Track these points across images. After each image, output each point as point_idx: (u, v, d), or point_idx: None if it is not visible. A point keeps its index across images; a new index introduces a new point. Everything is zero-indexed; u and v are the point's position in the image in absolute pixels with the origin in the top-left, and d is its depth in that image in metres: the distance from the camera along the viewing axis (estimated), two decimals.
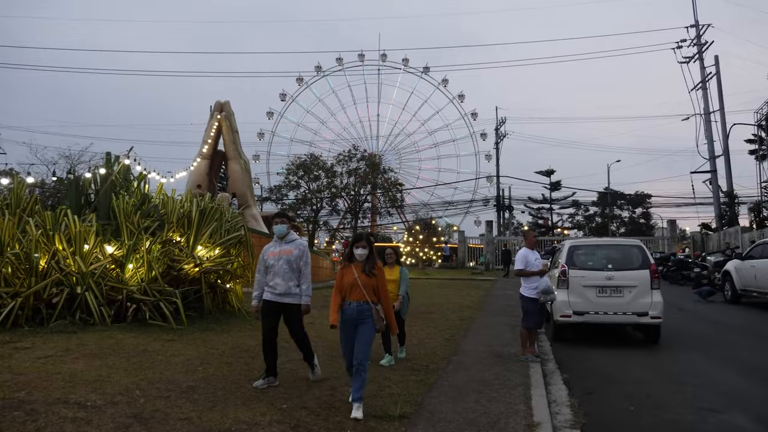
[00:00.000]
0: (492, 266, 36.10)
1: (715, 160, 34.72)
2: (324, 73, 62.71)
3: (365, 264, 5.03)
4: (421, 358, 7.67)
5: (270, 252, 5.96)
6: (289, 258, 5.84)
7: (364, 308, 4.96)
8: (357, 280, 4.96)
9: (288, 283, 5.83)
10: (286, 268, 5.82)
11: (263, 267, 5.93)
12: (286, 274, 5.80)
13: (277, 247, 5.94)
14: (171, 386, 5.56)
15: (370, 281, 4.98)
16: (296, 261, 5.87)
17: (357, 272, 4.99)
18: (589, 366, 7.93)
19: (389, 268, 7.29)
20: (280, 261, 5.85)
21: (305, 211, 50.18)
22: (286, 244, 5.93)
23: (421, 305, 14.28)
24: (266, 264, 5.91)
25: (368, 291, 4.95)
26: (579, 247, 9.74)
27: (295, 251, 5.89)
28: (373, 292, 5.00)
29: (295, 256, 5.88)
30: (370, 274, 4.99)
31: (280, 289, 5.79)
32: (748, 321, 12.80)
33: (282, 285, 5.78)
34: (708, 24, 35.68)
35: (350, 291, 4.98)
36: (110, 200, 9.73)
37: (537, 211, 59.55)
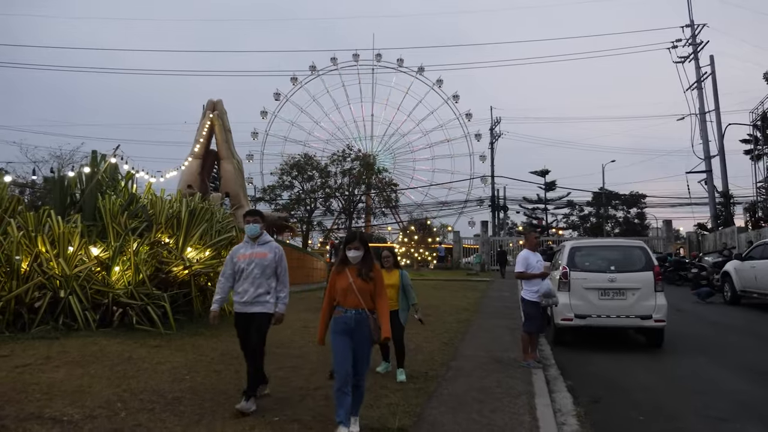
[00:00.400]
0: (487, 267, 35.87)
1: (710, 160, 34.68)
2: (318, 73, 62.46)
3: (361, 267, 4.46)
4: (419, 364, 7.38)
5: (240, 254, 5.32)
6: (262, 262, 5.23)
7: (363, 317, 4.42)
8: (352, 285, 4.40)
9: (257, 290, 5.20)
10: (257, 273, 5.21)
11: (229, 270, 5.33)
12: (256, 280, 5.20)
13: (248, 249, 5.32)
14: (155, 397, 5.24)
15: (366, 286, 4.42)
16: (271, 266, 5.27)
17: (352, 276, 4.43)
18: (592, 371, 7.66)
19: (387, 272, 6.55)
20: (251, 265, 5.22)
21: (299, 211, 49.83)
22: (259, 246, 5.31)
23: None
24: (235, 268, 5.31)
25: (365, 297, 4.42)
26: (580, 248, 9.47)
27: (269, 255, 5.29)
28: (370, 299, 4.45)
29: (270, 261, 5.28)
30: (367, 278, 4.43)
31: (248, 296, 5.19)
32: (750, 323, 12.58)
33: (250, 292, 5.18)
34: (703, 24, 35.71)
35: (345, 297, 4.43)
36: (96, 200, 9.39)
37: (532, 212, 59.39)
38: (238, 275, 5.27)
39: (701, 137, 35.03)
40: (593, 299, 8.80)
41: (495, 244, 39.23)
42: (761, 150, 32.01)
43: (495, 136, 50.29)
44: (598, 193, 54.06)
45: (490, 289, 20.81)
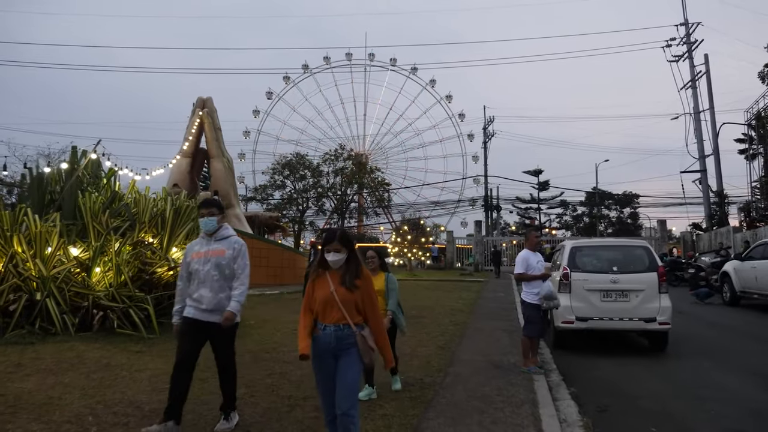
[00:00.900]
0: (481, 267, 35.58)
1: (704, 159, 34.49)
2: (311, 72, 62.06)
3: (345, 274, 3.63)
4: (414, 370, 7.02)
5: (194, 253, 4.56)
6: (219, 261, 4.47)
7: (345, 334, 3.55)
8: (333, 295, 3.56)
9: (218, 295, 4.43)
10: (215, 274, 4.44)
11: (185, 271, 4.56)
12: (215, 283, 4.43)
13: (204, 246, 4.56)
14: (131, 410, 4.85)
15: (351, 296, 3.59)
16: (229, 265, 4.50)
17: (333, 284, 3.60)
18: (596, 377, 7.32)
19: (373, 275, 5.72)
20: (207, 265, 4.45)
21: (291, 211, 49.42)
22: (216, 243, 4.55)
23: (411, 309, 13.65)
24: (189, 268, 4.53)
25: (349, 309, 3.57)
26: (581, 248, 9.13)
27: (228, 252, 4.52)
28: (356, 311, 3.60)
29: (229, 259, 4.51)
30: (352, 286, 3.59)
31: (207, 303, 4.40)
32: (751, 324, 12.31)
33: (209, 298, 4.40)
34: (697, 22, 35.53)
35: (324, 310, 3.59)
36: (76, 198, 8.96)
37: (525, 211, 59.30)
38: (193, 277, 4.52)
39: (696, 136, 34.86)
40: (595, 301, 8.47)
41: (488, 244, 38.96)
42: (756, 149, 31.90)
43: (488, 135, 50.06)
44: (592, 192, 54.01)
45: (485, 290, 20.49)
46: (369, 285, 3.70)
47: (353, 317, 3.58)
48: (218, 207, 4.64)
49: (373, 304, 3.68)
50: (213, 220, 4.57)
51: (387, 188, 54.67)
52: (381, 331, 3.68)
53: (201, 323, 4.42)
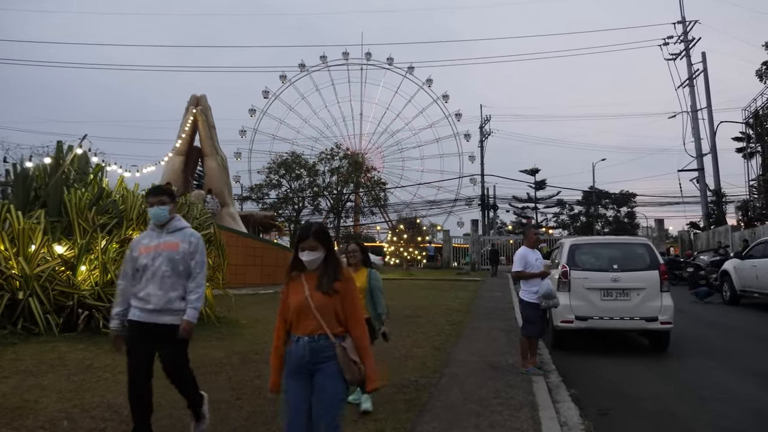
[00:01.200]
0: (478, 266, 35.37)
1: (702, 158, 34.38)
2: (308, 71, 61.84)
3: (322, 275, 3.09)
4: (409, 372, 6.79)
5: (143, 246, 4.01)
6: (171, 255, 3.95)
7: (323, 346, 3.01)
8: (308, 301, 3.04)
9: (168, 294, 3.89)
10: (166, 270, 3.91)
11: (130, 269, 4.00)
12: (165, 280, 3.90)
13: (153, 238, 4.04)
14: (109, 414, 4.61)
15: (329, 302, 3.04)
16: (184, 260, 3.98)
17: (309, 288, 3.07)
18: (596, 378, 7.10)
19: (353, 271, 5.20)
20: (157, 260, 3.92)
21: (287, 210, 49.14)
22: (168, 235, 4.03)
23: (407, 309, 13.43)
24: (135, 264, 3.98)
25: (327, 317, 3.03)
26: (581, 245, 8.91)
27: (182, 245, 4.00)
28: (335, 319, 3.06)
29: (183, 254, 3.98)
30: (330, 290, 3.05)
31: (155, 302, 3.86)
32: (751, 324, 12.13)
33: (158, 296, 3.87)
34: (695, 20, 35.40)
35: (298, 319, 3.06)
36: (61, 194, 8.70)
37: (522, 210, 59.15)
38: (140, 274, 3.94)
39: (693, 135, 34.76)
40: (595, 300, 8.25)
41: (485, 243, 38.76)
42: (753, 148, 31.79)
43: (485, 134, 49.83)
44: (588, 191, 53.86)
45: (482, 289, 20.28)
46: (351, 288, 3.14)
47: (332, 326, 3.04)
48: (169, 195, 4.13)
49: (356, 310, 3.13)
50: (164, 210, 4.02)
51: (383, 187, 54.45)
52: (364, 343, 3.07)
53: (147, 326, 3.86)
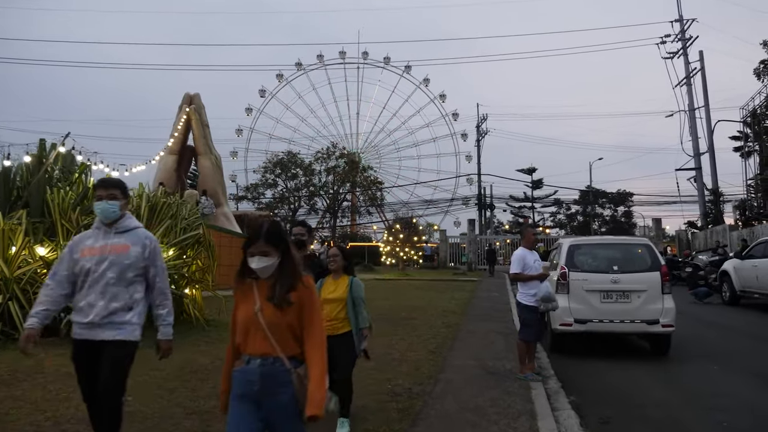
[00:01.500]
0: (474, 266, 35.14)
1: (699, 157, 34.25)
2: (304, 70, 61.62)
3: (275, 284, 2.57)
4: (403, 377, 6.54)
5: (86, 247, 3.40)
6: (120, 260, 3.36)
7: (277, 372, 2.51)
8: (258, 317, 2.53)
9: (111, 304, 3.30)
10: (112, 277, 3.32)
11: (65, 270, 3.40)
12: (110, 288, 3.31)
13: (99, 239, 3.42)
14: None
15: (282, 317, 2.52)
16: (134, 266, 3.40)
17: (260, 299, 2.56)
18: (596, 383, 6.86)
19: (333, 279, 4.69)
20: (102, 265, 3.32)
21: (283, 210, 48.84)
22: (116, 236, 3.43)
23: (402, 309, 13.19)
24: (76, 267, 3.38)
25: (280, 336, 2.52)
26: (580, 246, 8.67)
27: (134, 248, 3.41)
28: (291, 338, 2.55)
29: (135, 258, 3.41)
30: (282, 302, 2.53)
31: (95, 314, 3.28)
32: (753, 325, 11.93)
33: (99, 307, 3.29)
34: (692, 19, 35.23)
35: (247, 336, 2.56)
36: (44, 194, 8.43)
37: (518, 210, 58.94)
38: (81, 280, 3.35)
39: (690, 134, 34.62)
40: (595, 302, 8.01)
41: (482, 243, 38.55)
42: (751, 147, 31.61)
43: (481, 133, 49.65)
44: (585, 191, 53.68)
45: (479, 290, 20.04)
46: (309, 300, 2.60)
47: (287, 347, 2.53)
48: (122, 189, 3.54)
49: (314, 328, 2.57)
50: (114, 205, 3.42)
51: (380, 187, 54.21)
52: (319, 371, 2.49)
53: (87, 344, 3.29)
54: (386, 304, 14.53)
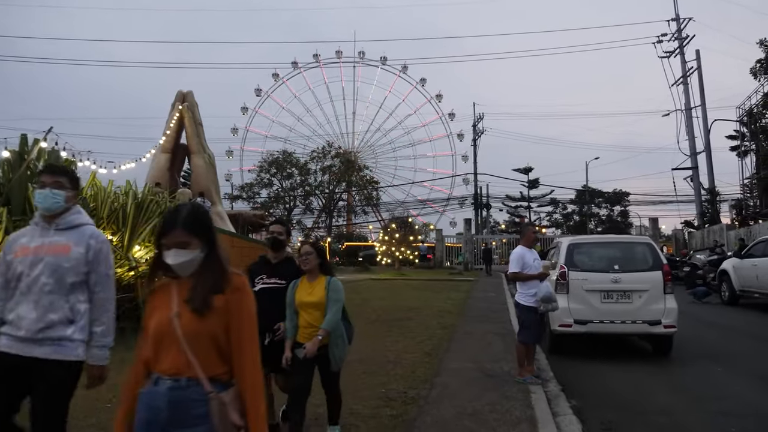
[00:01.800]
0: (471, 266, 34.93)
1: (696, 156, 34.10)
2: (300, 69, 61.38)
3: (195, 286, 2.03)
4: (398, 381, 6.30)
5: (20, 246, 2.86)
6: (58, 262, 2.81)
7: (189, 397, 1.94)
8: (173, 323, 1.99)
9: (47, 316, 2.75)
10: (47, 282, 2.77)
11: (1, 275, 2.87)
12: (45, 297, 2.77)
13: (36, 237, 2.88)
14: None
15: (203, 326, 1.99)
16: (75, 270, 2.84)
17: (178, 303, 2.03)
18: (597, 386, 6.64)
19: (308, 282, 4.18)
20: (36, 268, 2.78)
21: (278, 209, 48.59)
22: (56, 234, 2.89)
23: (398, 310, 12.96)
24: (8, 271, 2.85)
25: (201, 351, 1.98)
26: (580, 245, 8.45)
27: (75, 249, 2.86)
28: (214, 353, 2.01)
29: (76, 261, 2.85)
30: (203, 307, 1.99)
31: (26, 327, 2.74)
32: (753, 325, 11.74)
33: (32, 320, 2.75)
34: (689, 18, 35.05)
35: (158, 349, 2.01)
36: (26, 191, 8.14)
37: (515, 209, 58.82)
38: (12, 286, 2.82)
39: (687, 133, 34.46)
40: (595, 302, 7.79)
41: (478, 243, 38.35)
42: (748, 146, 31.49)
43: (478, 132, 49.49)
44: (582, 190, 53.58)
45: (475, 289, 19.82)
46: (240, 305, 2.04)
47: (209, 366, 1.97)
48: (71, 178, 3.00)
49: (243, 343, 2.01)
50: (59, 195, 2.87)
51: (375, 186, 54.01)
52: (254, 397, 1.98)
53: (15, 360, 2.73)
54: (382, 304, 14.30)
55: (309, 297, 4.12)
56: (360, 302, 14.72)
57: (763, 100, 27.78)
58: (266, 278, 4.41)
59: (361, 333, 9.68)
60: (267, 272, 4.45)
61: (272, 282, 4.39)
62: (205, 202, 20.73)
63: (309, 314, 4.10)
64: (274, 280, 4.39)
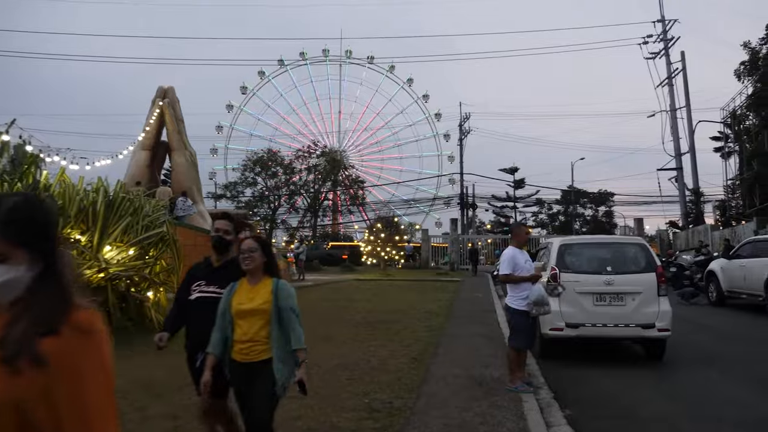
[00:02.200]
0: (457, 266, 34.72)
1: (681, 157, 34.23)
2: (287, 67, 60.86)
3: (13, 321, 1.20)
4: (382, 389, 5.96)
5: None
6: None
7: None
8: None
9: None
10: None
11: None
12: None
13: None
14: None
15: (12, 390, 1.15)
16: None
17: None
18: (591, 393, 6.34)
19: (249, 284, 3.38)
20: None
21: (263, 209, 48.01)
22: None
23: (383, 312, 12.63)
24: None
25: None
26: (571, 245, 8.17)
27: None
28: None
29: None
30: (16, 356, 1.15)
31: None
32: (742, 326, 11.58)
33: None
34: (674, 19, 35.22)
35: None
36: None
37: (500, 210, 58.81)
38: None
39: (672, 134, 34.60)
40: (587, 305, 7.51)
41: (465, 243, 38.17)
42: (731, 147, 31.62)
43: (464, 132, 49.28)
44: (567, 191, 53.65)
45: (462, 290, 19.57)
46: (84, 358, 1.21)
47: None
48: None
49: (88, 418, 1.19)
50: None
51: (361, 185, 53.65)
52: None
53: None
54: (366, 306, 13.97)
55: (249, 303, 3.27)
56: (344, 304, 14.38)
57: (746, 101, 27.87)
58: (204, 285, 3.63)
59: (344, 337, 9.36)
60: (206, 278, 3.67)
61: (210, 291, 3.58)
62: (186, 201, 20.23)
63: (248, 325, 3.26)
64: (213, 288, 3.58)
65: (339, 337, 9.28)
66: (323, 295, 17.89)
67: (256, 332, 3.25)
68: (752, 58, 25.70)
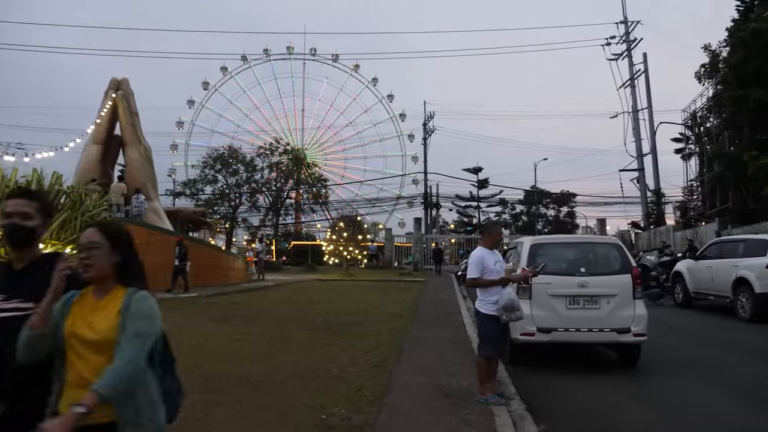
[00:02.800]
0: (420, 266, 34.36)
1: (642, 158, 34.60)
2: (250, 64, 59.74)
3: None
4: (341, 402, 5.40)
5: None
6: None
7: None
8: None
9: None
10: None
11: None
12: None
13: None
14: None
15: None
16: None
17: None
18: (567, 405, 5.90)
19: (95, 298, 2.14)
20: None
21: (223, 207, 46.81)
22: None
23: (345, 314, 12.06)
24: None
25: None
26: (543, 245, 7.74)
27: None
28: None
29: None
30: None
31: None
32: (711, 328, 11.44)
33: None
34: (637, 21, 35.61)
35: None
36: None
37: (464, 209, 58.92)
38: None
39: (634, 135, 34.94)
40: (560, 309, 7.08)
41: (428, 242, 37.87)
42: (692, 149, 32.09)
43: (428, 131, 49.08)
44: (530, 191, 54.03)
45: (426, 291, 19.13)
46: None
47: None
48: None
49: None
50: None
51: (324, 184, 52.92)
52: None
53: None
54: (327, 307, 13.39)
55: (88, 329, 2.07)
56: (304, 305, 13.77)
57: (707, 103, 28.27)
58: (3, 300, 2.30)
59: (302, 341, 8.77)
60: (5, 289, 2.33)
61: (11, 307, 2.28)
62: (138, 198, 19.28)
63: (84, 361, 2.05)
64: (14, 303, 2.29)
65: (296, 342, 8.69)
66: (283, 295, 17.23)
67: (98, 371, 2.00)
68: (712, 60, 26.00)
